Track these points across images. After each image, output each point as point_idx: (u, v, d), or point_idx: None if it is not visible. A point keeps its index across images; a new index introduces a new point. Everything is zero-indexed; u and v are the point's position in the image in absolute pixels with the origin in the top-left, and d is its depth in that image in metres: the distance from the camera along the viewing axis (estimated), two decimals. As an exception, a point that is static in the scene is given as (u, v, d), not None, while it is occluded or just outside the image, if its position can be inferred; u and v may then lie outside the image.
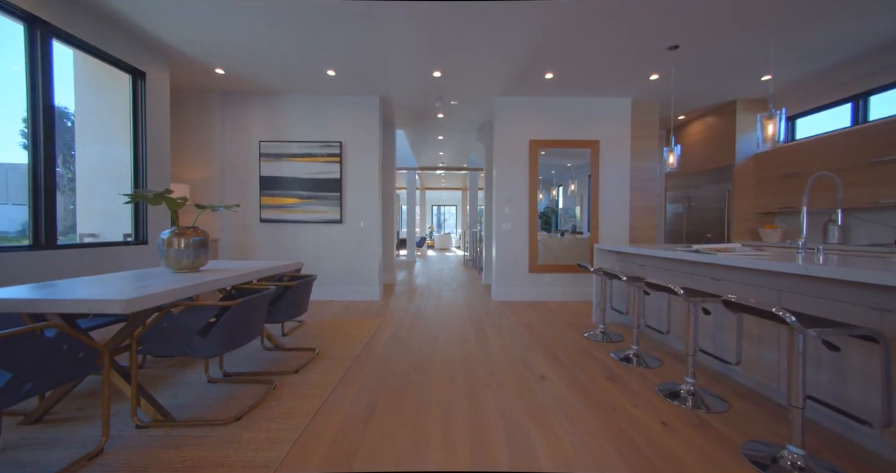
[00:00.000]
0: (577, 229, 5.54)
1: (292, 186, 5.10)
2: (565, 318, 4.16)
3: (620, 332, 3.63)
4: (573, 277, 5.18)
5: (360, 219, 5.17)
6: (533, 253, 5.17)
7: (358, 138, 5.14)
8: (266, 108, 5.10)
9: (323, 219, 5.12)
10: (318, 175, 5.10)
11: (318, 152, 5.09)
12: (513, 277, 5.18)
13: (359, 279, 5.18)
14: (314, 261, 5.15)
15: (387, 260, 6.64)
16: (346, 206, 5.16)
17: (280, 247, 5.14)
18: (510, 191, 5.19)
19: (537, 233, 5.20)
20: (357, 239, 5.17)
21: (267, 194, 5.09)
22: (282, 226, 5.14)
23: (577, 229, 5.53)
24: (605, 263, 4.01)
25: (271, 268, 2.78)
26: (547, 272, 5.18)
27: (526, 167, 5.17)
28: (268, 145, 5.07)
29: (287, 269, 3.08)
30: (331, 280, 5.17)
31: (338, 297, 5.16)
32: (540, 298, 5.17)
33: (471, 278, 7.55)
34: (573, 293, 5.17)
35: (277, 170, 5.09)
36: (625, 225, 5.17)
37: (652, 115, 5.17)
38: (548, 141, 5.13)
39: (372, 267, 5.18)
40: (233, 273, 2.36)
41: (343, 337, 3.41)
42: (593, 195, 5.15)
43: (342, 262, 5.16)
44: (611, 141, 5.13)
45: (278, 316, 2.54)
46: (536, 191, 5.17)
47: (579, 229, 5.51)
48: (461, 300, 5.25)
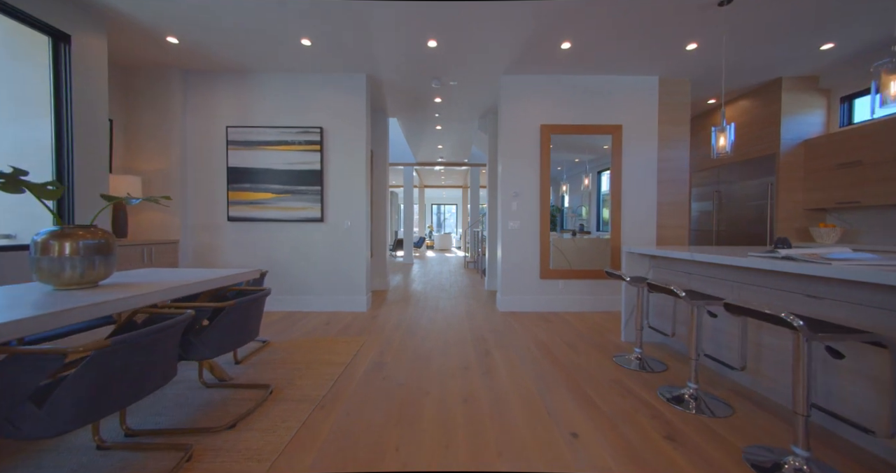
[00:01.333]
0: (584, 229, 4.85)
1: (265, 179, 4.39)
2: (587, 335, 3.45)
3: (659, 356, 2.92)
4: (590, 285, 4.47)
5: (344, 217, 4.46)
6: (545, 256, 4.46)
7: (342, 123, 4.43)
8: (234, 89, 4.39)
9: (301, 218, 4.42)
10: (296, 165, 4.40)
11: (295, 139, 4.39)
12: (521, 284, 4.48)
13: (343, 287, 4.47)
14: (291, 267, 4.45)
15: (378, 264, 5.93)
16: (328, 202, 4.46)
17: (251, 251, 4.43)
18: (518, 185, 4.48)
19: (549, 233, 4.49)
20: (341, 241, 4.46)
21: (236, 188, 4.39)
22: (253, 226, 4.44)
23: (585, 229, 4.83)
24: (637, 269, 3.30)
25: (210, 281, 2.08)
26: (561, 278, 4.47)
27: (536, 156, 4.47)
28: (236, 131, 4.36)
29: (239, 280, 2.37)
30: (310, 288, 4.46)
31: (319, 308, 4.46)
32: (552, 308, 4.46)
33: (472, 283, 6.84)
34: (590, 302, 4.46)
35: (248, 161, 4.38)
36: (650, 224, 4.45)
37: (682, 96, 4.46)
38: (562, 126, 4.42)
39: (358, 272, 4.47)
40: (142, 290, 1.66)
41: (313, 363, 2.70)
42: (614, 189, 4.44)
43: (324, 268, 4.46)
44: (635, 126, 4.42)
45: (205, 350, 1.82)
46: (549, 183, 4.46)
47: (587, 229, 4.82)
48: (462, 310, 4.54)
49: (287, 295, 4.46)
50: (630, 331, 3.28)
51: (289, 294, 4.46)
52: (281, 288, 4.45)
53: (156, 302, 1.68)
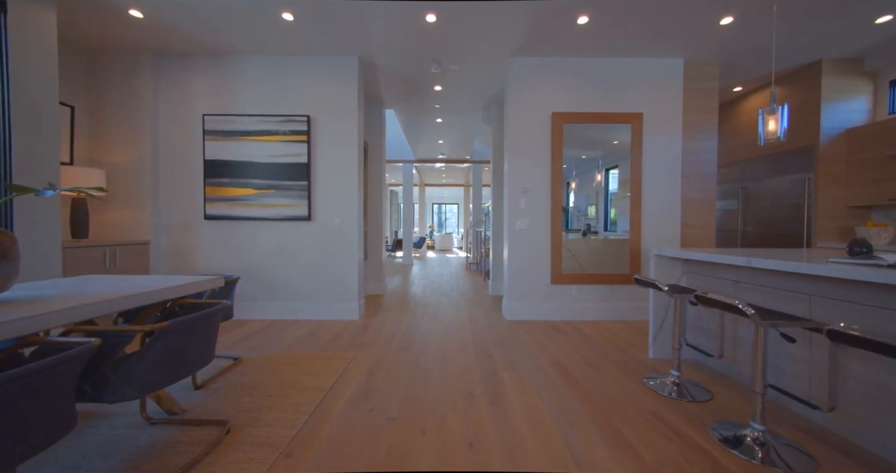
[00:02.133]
0: (591, 229, 4.40)
1: (246, 173, 3.96)
2: (608, 351, 3.00)
3: (699, 379, 2.47)
4: (606, 290, 4.02)
5: (334, 215, 4.03)
6: (557, 258, 4.01)
7: (331, 112, 3.99)
8: (212, 73, 3.96)
9: (286, 216, 3.98)
10: (280, 158, 3.96)
11: (280, 129, 3.95)
12: (530, 290, 4.03)
13: (333, 292, 4.04)
14: (275, 270, 4.01)
15: (373, 266, 5.50)
16: (316, 199, 4.02)
17: (231, 253, 4.00)
18: (527, 180, 4.03)
19: (561, 234, 4.05)
20: (331, 242, 4.03)
21: (214, 183, 3.95)
22: (233, 225, 4.00)
23: (592, 229, 4.39)
24: (667, 275, 2.85)
25: (152, 292, 1.64)
26: (574, 283, 4.03)
27: (547, 148, 4.02)
28: (214, 120, 3.93)
29: (196, 290, 1.93)
30: (296, 294, 4.03)
31: (306, 316, 4.02)
32: (565, 316, 4.02)
33: (475, 286, 6.40)
34: (606, 310, 4.01)
35: (227, 153, 3.95)
36: (673, 222, 4.00)
37: (710, 81, 4.01)
38: (575, 114, 3.97)
39: (349, 277, 4.04)
40: (46, 307, 1.23)
41: (288, 388, 2.27)
42: (634, 184, 3.99)
43: (311, 271, 4.02)
44: (657, 114, 3.97)
45: (126, 388, 1.37)
46: (561, 178, 4.01)
47: (594, 229, 4.37)
48: (464, 319, 4.10)
49: (270, 301, 4.02)
50: (660, 347, 2.83)
51: (272, 300, 4.03)
52: (264, 295, 4.02)
53: (59, 323, 1.24)
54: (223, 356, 2.79)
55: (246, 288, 4.01)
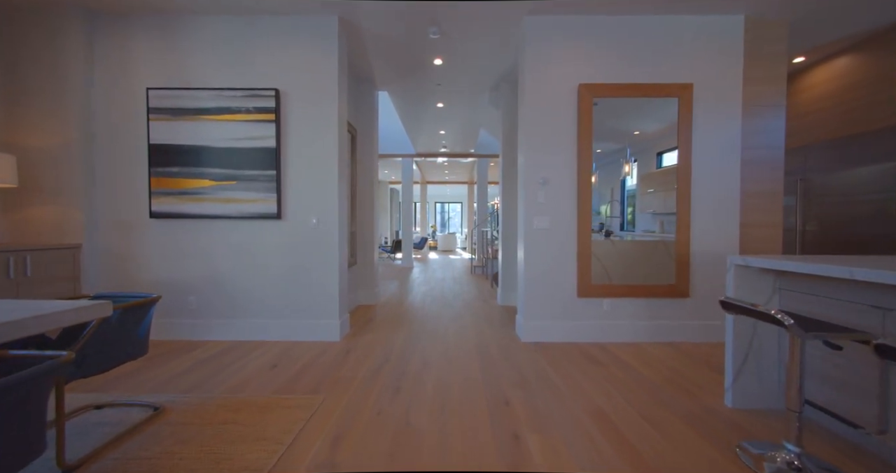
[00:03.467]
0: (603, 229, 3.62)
1: (201, 160, 3.21)
2: (666, 393, 2.22)
3: (828, 455, 1.68)
4: (644, 305, 3.24)
5: (310, 213, 3.27)
6: (584, 265, 3.23)
7: (306, 84, 3.24)
8: (158, 37, 3.21)
9: (250, 213, 3.23)
10: (242, 142, 3.21)
11: (242, 106, 3.20)
12: (552, 304, 3.26)
13: (308, 307, 3.28)
14: (236, 280, 3.26)
15: (364, 272, 4.74)
16: (287, 193, 3.27)
17: (183, 258, 3.25)
18: (547, 168, 3.26)
19: (591, 235, 3.27)
20: (306, 246, 3.27)
21: (161, 173, 3.21)
22: (185, 225, 3.26)
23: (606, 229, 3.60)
24: (749, 291, 2.06)
25: None
26: (605, 296, 3.25)
27: (572, 128, 3.24)
28: (161, 95, 3.18)
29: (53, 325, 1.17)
30: (263, 308, 3.28)
31: (274, 335, 3.27)
32: (595, 338, 3.24)
33: (481, 294, 5.63)
34: (647, 330, 3.23)
35: (177, 135, 3.20)
36: (731, 222, 3.21)
37: (778, 43, 3.21)
38: (608, 86, 3.19)
39: (328, 288, 3.28)
40: None
41: (212, 463, 1.51)
42: (682, 172, 3.20)
43: (281, 281, 3.27)
44: (711, 85, 3.18)
45: None
46: (590, 165, 3.23)
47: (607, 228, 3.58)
48: (470, 341, 3.33)
49: (231, 318, 3.27)
50: (742, 393, 2.04)
51: (234, 317, 3.28)
52: (223, 310, 3.27)
53: None
54: (139, 403, 2.03)
55: (201, 301, 3.26)
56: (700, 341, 3.20)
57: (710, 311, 3.21)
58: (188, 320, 3.25)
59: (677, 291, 3.21)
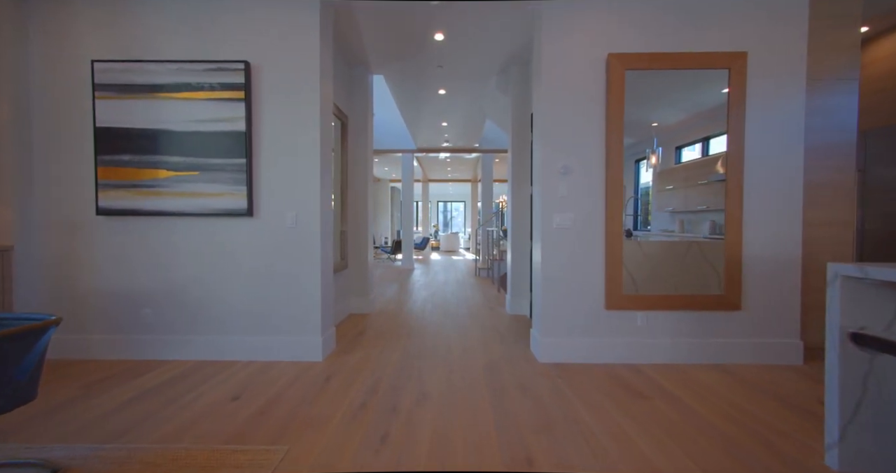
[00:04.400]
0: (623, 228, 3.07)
1: (157, 146, 2.70)
2: (741, 445, 1.68)
3: None
4: (686, 319, 2.70)
5: (287, 209, 2.76)
6: (615, 271, 2.70)
7: (282, 56, 2.73)
8: (106, 1, 2.70)
9: (216, 209, 2.72)
10: (206, 125, 2.70)
11: (205, 82, 2.69)
12: (575, 318, 2.73)
13: (284, 321, 2.77)
14: (200, 289, 2.75)
15: (357, 277, 4.23)
16: (259, 185, 2.75)
17: (136, 263, 2.75)
18: (569, 155, 2.73)
19: (622, 235, 2.73)
20: (282, 248, 2.76)
21: (110, 161, 2.70)
22: (139, 223, 2.75)
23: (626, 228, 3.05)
24: (862, 311, 1.51)
25: None
26: (639, 308, 2.71)
27: (599, 107, 2.71)
28: (109, 69, 2.67)
29: None
30: (232, 323, 2.77)
31: (244, 355, 2.76)
32: (629, 358, 2.70)
33: (487, 300, 5.09)
34: (689, 349, 2.69)
35: (128, 117, 2.69)
36: (792, 219, 2.67)
37: (849, 5, 2.66)
38: (644, 56, 2.66)
39: (308, 298, 2.76)
40: None
41: None
42: (733, 159, 2.66)
43: (253, 291, 2.76)
44: (769, 54, 2.64)
45: None
46: (621, 150, 2.70)
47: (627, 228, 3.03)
48: (478, 361, 2.80)
49: (195, 335, 2.76)
50: (853, 450, 1.50)
51: (198, 333, 2.76)
52: (184, 325, 2.76)
53: None
54: (31, 462, 1.51)
55: (158, 315, 2.75)
56: (754, 363, 2.66)
57: (766, 327, 2.66)
58: (142, 336, 2.74)
59: (726, 303, 2.67)
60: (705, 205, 2.92)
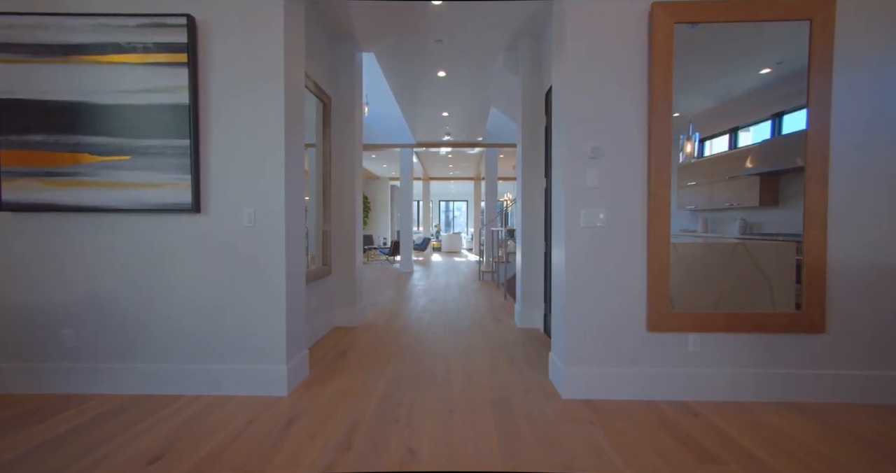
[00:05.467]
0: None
1: (76, 124, 2.13)
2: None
3: None
4: (750, 344, 2.11)
5: (243, 203, 2.18)
6: (660, 283, 2.11)
7: (235, 11, 2.15)
8: (12, -63, 2.14)
9: (152, 204, 2.15)
10: (139, 96, 2.13)
11: (136, 42, 2.11)
12: (610, 341, 2.14)
13: (239, 347, 2.19)
14: (133, 306, 2.18)
15: (343, 285, 3.65)
16: (208, 172, 2.18)
17: (52, 272, 2.17)
18: (600, 135, 2.14)
19: (669, 237, 2.14)
20: (236, 252, 2.18)
21: (16, 143, 2.13)
22: (55, 221, 2.18)
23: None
24: None
25: None
26: (690, 329, 2.12)
27: (640, 72, 2.13)
28: (13, 25, 2.10)
29: None
30: (174, 348, 2.19)
31: (192, 388, 2.18)
32: (678, 394, 2.11)
33: (493, 310, 4.51)
34: (755, 382, 2.10)
35: (38, 86, 2.12)
36: (890, 214, 2.07)
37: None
38: (698, 4, 2.06)
39: (270, 316, 2.18)
40: None
41: None
42: (814, 143, 2.06)
43: (201, 307, 2.18)
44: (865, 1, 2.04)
45: None
46: (669, 127, 2.11)
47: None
48: (484, 397, 2.22)
49: (126, 362, 2.19)
50: None
51: (130, 360, 2.19)
52: (113, 350, 2.19)
53: None
54: None
55: (82, 337, 2.18)
56: (843, 401, 2.06)
57: (859, 355, 2.07)
58: (61, 364, 2.18)
59: (805, 323, 2.07)
60: (735, 203, 2.45)
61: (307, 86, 2.93)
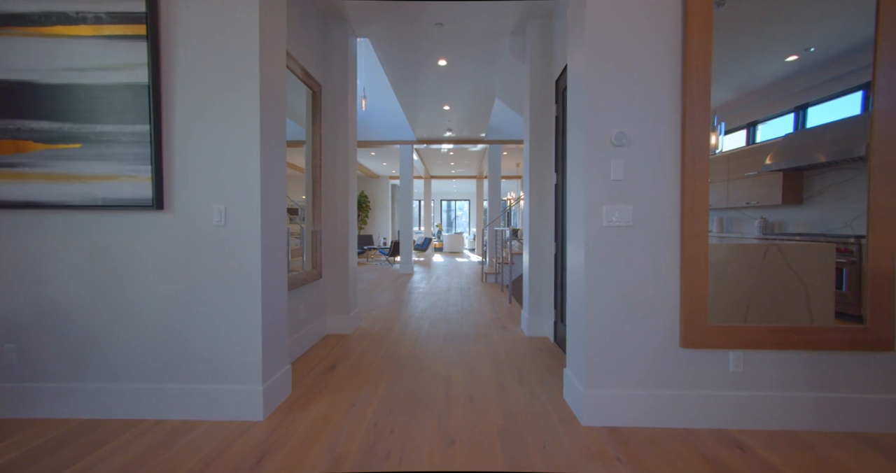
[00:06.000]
0: None
1: (16, 107, 1.84)
2: None
3: None
4: (799, 362, 1.80)
5: (212, 200, 1.89)
6: (696, 291, 1.80)
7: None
8: None
9: (107, 200, 1.86)
10: (90, 75, 1.84)
11: (87, 11, 1.82)
12: (637, 359, 1.84)
13: (209, 364, 1.90)
14: (86, 318, 1.89)
15: (336, 289, 3.36)
16: (173, 163, 1.89)
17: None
18: (625, 118, 1.84)
19: (707, 238, 1.83)
20: (205, 256, 1.89)
21: (-49, 130, 1.85)
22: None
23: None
24: None
25: None
26: (732, 345, 1.81)
27: (673, 46, 1.82)
28: (-54, -8, 1.82)
29: None
30: (133, 367, 1.90)
31: (153, 412, 1.89)
32: (718, 421, 1.80)
33: (498, 315, 4.20)
34: (808, 408, 1.79)
35: (-26, 63, 1.84)
36: (967, 211, 1.75)
37: None
38: (744, -35, 1.76)
39: (243, 329, 1.89)
40: None
41: None
42: (882, 123, 1.75)
43: (163, 319, 1.89)
44: (939, -42, 1.73)
45: None
46: (708, 108, 1.80)
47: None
48: (490, 424, 1.91)
49: (76, 382, 1.90)
50: None
51: (81, 379, 1.90)
52: (62, 367, 1.90)
53: None
54: None
55: (25, 353, 1.89)
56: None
57: (933, 377, 1.75)
58: (1, 384, 1.89)
59: (871, 339, 1.76)
60: (754, 201, 2.23)
61: (292, 70, 2.63)
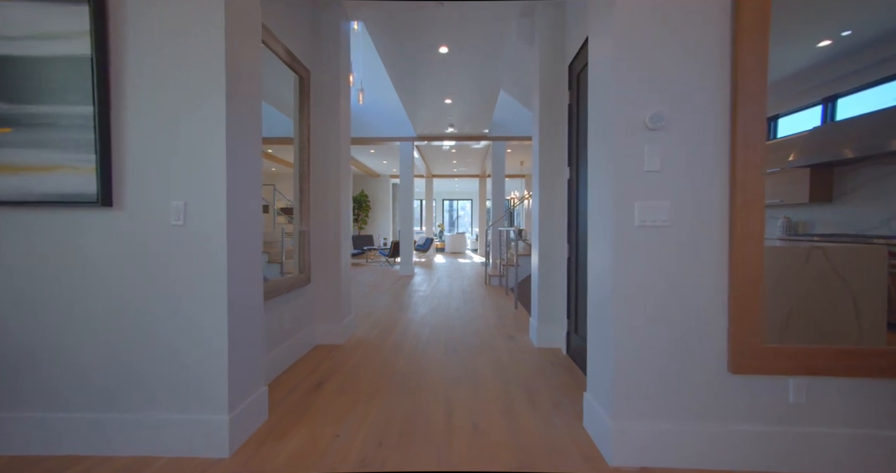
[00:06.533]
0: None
1: (-65, 84, 1.55)
2: None
3: None
4: (872, 392, 1.48)
5: (170, 195, 1.59)
6: (748, 306, 1.49)
7: (159, -71, 1.56)
8: None
9: (45, 195, 1.57)
10: (23, 46, 1.54)
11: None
12: (675, 386, 1.53)
13: (166, 389, 1.60)
14: (20, 331, 1.60)
15: (327, 295, 3.07)
16: (124, 152, 1.59)
17: None
18: (662, 98, 1.53)
19: (763, 241, 1.52)
20: (162, 262, 1.59)
21: None
22: (-87, 218, 1.60)
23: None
24: None
25: None
26: (792, 371, 1.50)
27: (721, 12, 1.51)
28: None
29: None
30: (79, 392, 1.61)
31: (101, 447, 1.59)
32: (772, 463, 1.49)
33: (503, 323, 3.89)
34: (882, 448, 1.47)
35: None
36: None
37: None
38: None
39: (206, 348, 1.59)
40: None
41: None
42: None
43: (112, 335, 1.60)
44: None
45: None
46: (765, 88, 1.49)
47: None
48: (499, 456, 1.61)
49: (10, 409, 1.61)
50: None
51: (14, 408, 1.61)
52: None
53: None
54: None
55: (-52, 376, 1.60)
56: None
57: None
58: (-79, 414, 1.60)
59: (961, 365, 1.45)
60: (778, 199, 2.07)
61: (272, 48, 2.33)
